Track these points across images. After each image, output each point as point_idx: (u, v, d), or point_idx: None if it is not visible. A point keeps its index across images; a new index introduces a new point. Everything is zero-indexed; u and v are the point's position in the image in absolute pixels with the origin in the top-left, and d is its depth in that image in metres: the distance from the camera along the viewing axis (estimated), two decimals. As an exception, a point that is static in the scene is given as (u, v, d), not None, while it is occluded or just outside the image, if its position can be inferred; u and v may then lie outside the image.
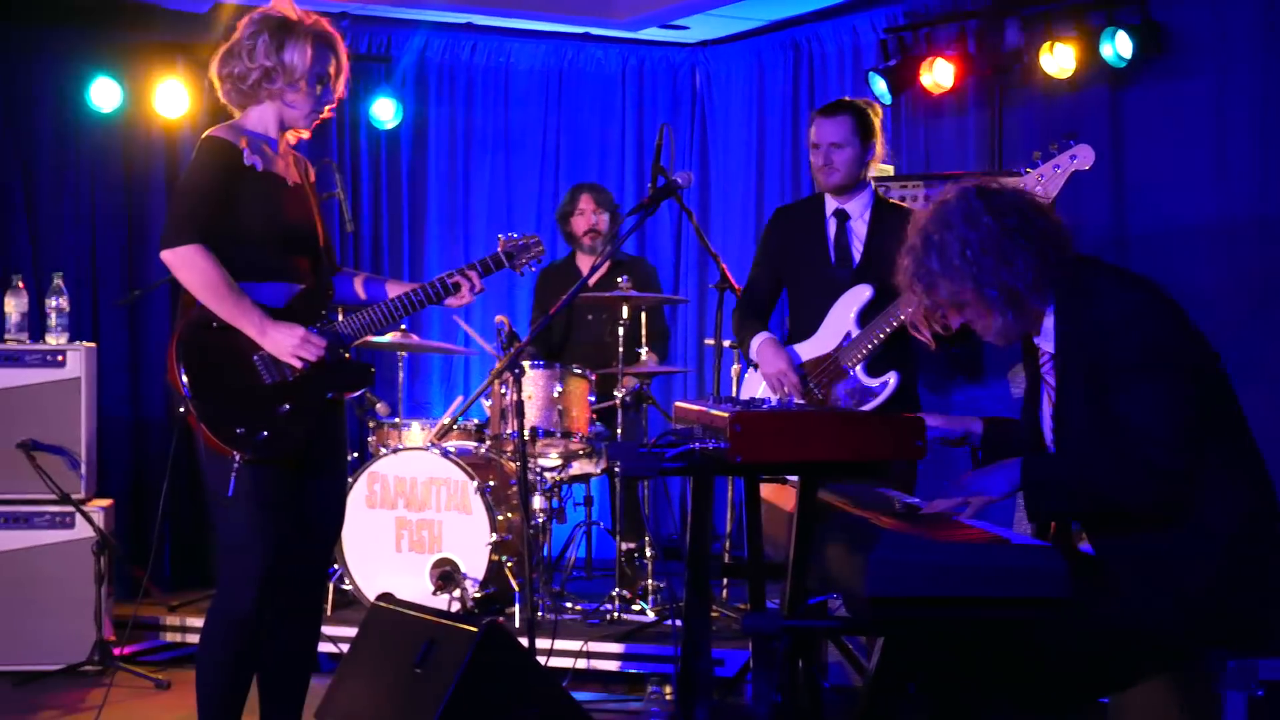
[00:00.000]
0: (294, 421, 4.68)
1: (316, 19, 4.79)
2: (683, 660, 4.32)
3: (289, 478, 4.71)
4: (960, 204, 3.86)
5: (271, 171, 4.72)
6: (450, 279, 4.92)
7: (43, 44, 8.43)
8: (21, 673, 6.82)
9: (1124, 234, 7.56)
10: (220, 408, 4.61)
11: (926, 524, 3.74)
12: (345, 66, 4.84)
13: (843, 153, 5.90)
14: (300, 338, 4.62)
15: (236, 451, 4.57)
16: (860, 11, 8.98)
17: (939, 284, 3.87)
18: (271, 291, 4.70)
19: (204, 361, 4.63)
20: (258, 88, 4.71)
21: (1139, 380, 3.71)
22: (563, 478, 7.46)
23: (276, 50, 4.67)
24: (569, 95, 10.01)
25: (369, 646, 5.17)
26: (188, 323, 4.65)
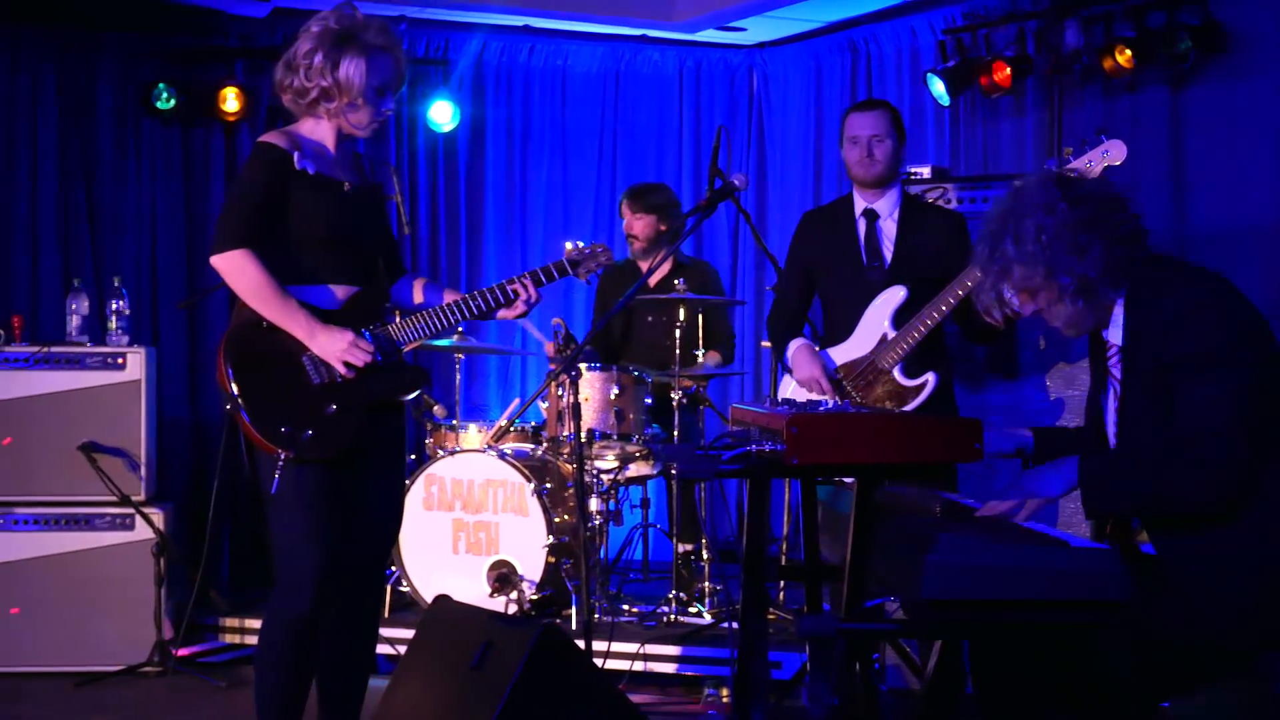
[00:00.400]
0: (341, 422, 4.71)
1: (375, 24, 4.80)
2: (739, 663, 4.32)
3: (339, 478, 4.73)
4: (1039, 191, 3.88)
5: (326, 175, 4.75)
6: (510, 286, 4.95)
7: (104, 49, 8.49)
8: (81, 674, 6.87)
9: (1184, 234, 7.50)
10: (266, 406, 4.66)
11: (984, 526, 3.72)
12: (403, 70, 4.85)
13: (883, 145, 5.93)
14: (349, 342, 4.66)
15: (281, 450, 4.62)
16: (919, 13, 8.94)
17: (1013, 268, 3.87)
18: (325, 294, 4.74)
19: (251, 361, 4.69)
20: (316, 105, 4.76)
21: (1199, 373, 3.69)
22: (619, 480, 7.46)
23: (333, 68, 4.69)
24: (626, 97, 10.01)
25: (426, 648, 5.18)
26: (237, 323, 4.71)
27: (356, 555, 4.83)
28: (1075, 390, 6.34)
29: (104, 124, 8.51)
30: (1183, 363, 3.72)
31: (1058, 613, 3.45)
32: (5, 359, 7.00)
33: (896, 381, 5.84)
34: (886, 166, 5.95)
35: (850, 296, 5.98)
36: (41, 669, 6.92)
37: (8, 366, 7.00)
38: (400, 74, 4.83)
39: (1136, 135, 7.65)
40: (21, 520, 6.98)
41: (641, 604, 7.32)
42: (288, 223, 4.68)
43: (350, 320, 4.74)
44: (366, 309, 4.80)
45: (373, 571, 4.99)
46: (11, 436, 7.00)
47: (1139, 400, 3.86)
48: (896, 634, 5.25)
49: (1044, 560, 3.43)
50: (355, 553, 4.82)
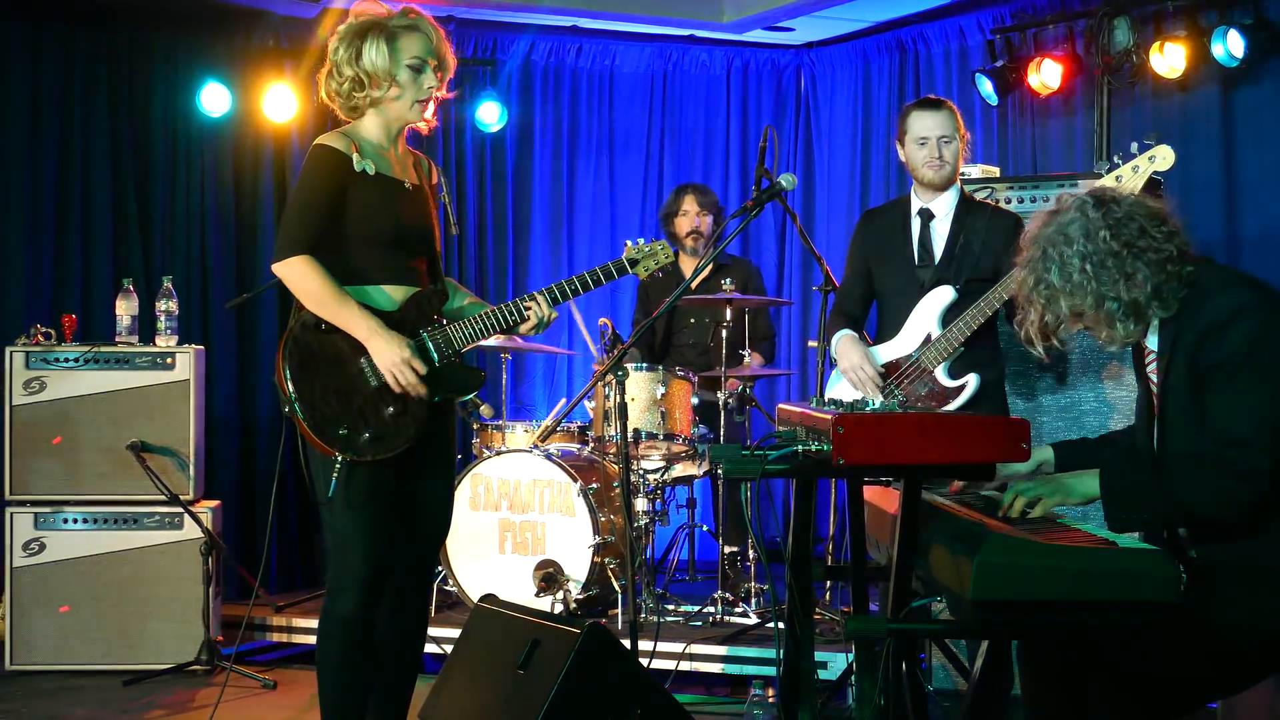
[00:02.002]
0: (400, 424, 4.69)
1: (399, 11, 4.79)
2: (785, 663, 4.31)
3: (394, 478, 4.72)
4: (1078, 217, 3.83)
5: (385, 175, 4.75)
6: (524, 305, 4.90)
7: (154, 50, 8.55)
8: (131, 671, 6.91)
9: (1236, 236, 7.45)
10: (324, 409, 4.64)
11: (1032, 527, 3.70)
12: (441, 46, 4.82)
13: (951, 146, 5.90)
14: (403, 359, 4.64)
15: (339, 453, 4.60)
16: (967, 13, 8.92)
17: (1059, 298, 3.85)
18: (382, 295, 4.73)
19: (309, 363, 4.66)
20: (353, 98, 4.76)
21: (1228, 380, 3.69)
22: (665, 480, 7.46)
23: (355, 58, 4.70)
24: (673, 97, 10.01)
25: (473, 648, 5.19)
26: (297, 324, 4.69)
27: (408, 553, 4.84)
28: (1126, 390, 6.31)
29: (156, 124, 8.56)
30: (1214, 370, 3.71)
31: (1106, 614, 3.42)
32: (56, 359, 7.04)
33: (939, 381, 5.82)
34: (953, 169, 5.93)
35: (900, 294, 5.97)
36: (91, 667, 6.97)
37: (58, 366, 7.04)
38: (436, 49, 4.80)
39: (1187, 135, 7.62)
40: (71, 519, 7.03)
41: (687, 604, 7.32)
42: (348, 223, 4.68)
43: (408, 320, 4.74)
44: (425, 309, 4.80)
45: (422, 570, 4.97)
46: (61, 436, 7.05)
47: (1178, 408, 3.84)
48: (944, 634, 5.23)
49: (1093, 561, 3.41)
50: (407, 551, 4.83)
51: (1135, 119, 7.90)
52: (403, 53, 4.71)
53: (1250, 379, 3.66)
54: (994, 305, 5.66)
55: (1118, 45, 7.78)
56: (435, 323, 4.82)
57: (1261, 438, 3.63)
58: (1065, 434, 6.43)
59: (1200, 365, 3.73)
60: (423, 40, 4.76)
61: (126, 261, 8.40)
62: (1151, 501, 3.75)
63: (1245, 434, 3.64)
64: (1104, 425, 6.37)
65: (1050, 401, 6.52)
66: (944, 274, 5.89)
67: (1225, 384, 3.69)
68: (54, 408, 7.04)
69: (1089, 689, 3.75)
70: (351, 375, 4.68)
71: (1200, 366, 3.73)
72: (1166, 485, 3.74)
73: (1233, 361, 3.67)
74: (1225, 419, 3.67)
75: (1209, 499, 3.67)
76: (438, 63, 4.80)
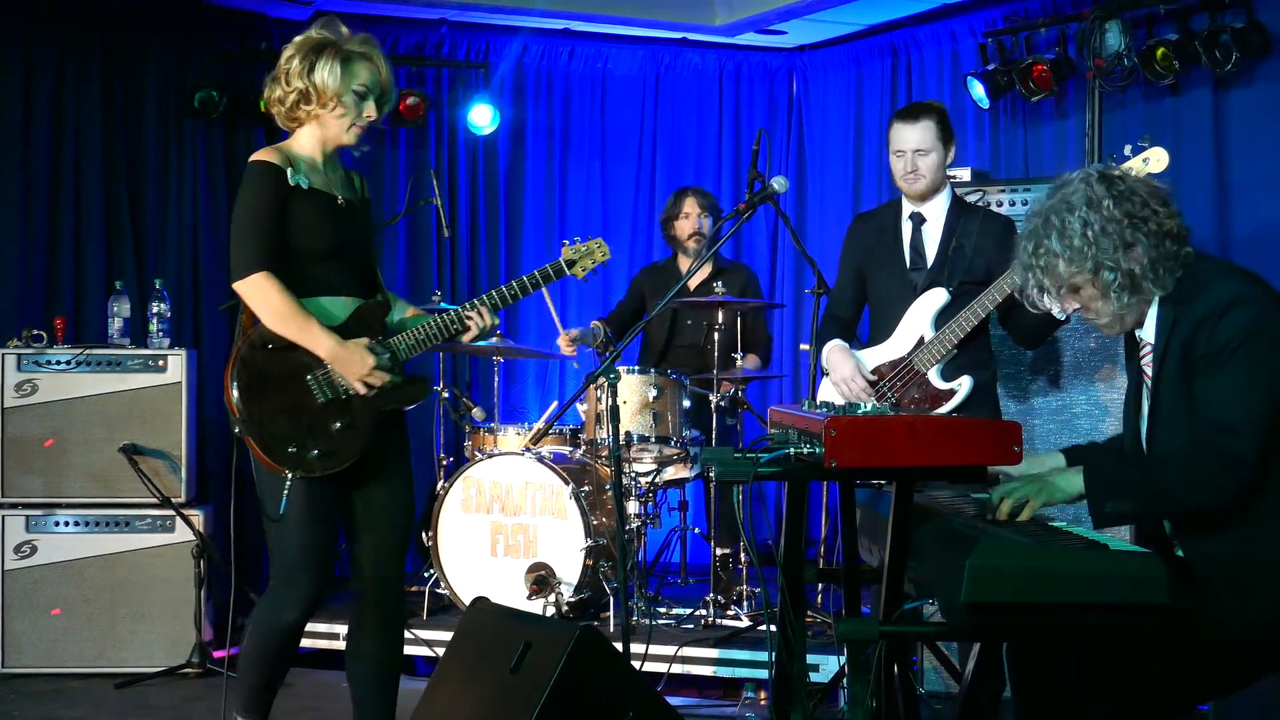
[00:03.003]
0: (348, 437, 4.80)
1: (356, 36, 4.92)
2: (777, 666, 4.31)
3: (343, 491, 4.88)
4: (1083, 187, 3.89)
5: (319, 190, 4.84)
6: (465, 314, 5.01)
7: (148, 52, 8.55)
8: (122, 674, 6.91)
9: (1227, 236, 7.47)
10: (272, 427, 4.73)
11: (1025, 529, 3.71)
12: (387, 81, 4.95)
13: (928, 159, 5.88)
14: (370, 367, 4.75)
15: (289, 470, 4.70)
16: (959, 16, 8.92)
17: (1057, 264, 3.88)
18: (332, 307, 4.82)
19: (257, 382, 4.75)
20: (296, 109, 4.87)
21: (1220, 367, 3.72)
22: (658, 482, 7.46)
23: (308, 71, 4.82)
24: (666, 100, 10.01)
25: (464, 651, 5.18)
26: (245, 344, 4.76)
27: (374, 560, 4.97)
28: (1118, 393, 6.31)
29: (148, 127, 8.57)
30: (1206, 358, 3.73)
31: (1098, 616, 3.43)
32: (48, 361, 7.04)
33: (932, 384, 5.82)
34: (931, 180, 5.90)
35: (894, 298, 5.97)
36: (82, 670, 6.97)
37: (50, 369, 7.04)
38: (381, 82, 4.93)
39: (1179, 138, 7.63)
40: (63, 522, 7.02)
41: (679, 606, 7.32)
42: (290, 236, 4.76)
43: (355, 333, 4.82)
44: (368, 321, 4.89)
45: (392, 575, 5.06)
46: (53, 438, 7.04)
47: (1169, 399, 3.86)
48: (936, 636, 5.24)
49: (1084, 564, 3.42)
50: (372, 558, 4.96)
51: (1127, 122, 7.90)
52: (354, 77, 4.85)
53: (1241, 368, 3.68)
54: (987, 308, 5.66)
55: (1109, 48, 7.78)
56: (379, 335, 4.89)
57: (1249, 426, 3.65)
58: (1057, 436, 6.44)
59: (1193, 354, 3.75)
60: (373, 71, 4.90)
61: (119, 264, 8.40)
62: (1135, 493, 3.75)
63: (1233, 421, 3.66)
64: (1096, 428, 6.38)
65: (1042, 404, 6.53)
66: (937, 277, 5.89)
67: (1215, 372, 3.72)
68: (46, 410, 7.04)
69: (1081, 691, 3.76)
70: (299, 393, 4.77)
71: (1193, 356, 3.75)
72: (1151, 476, 3.75)
73: (1225, 351, 3.70)
74: (1214, 406, 3.70)
75: (1194, 486, 3.68)
76: (381, 95, 4.93)
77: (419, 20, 9.19)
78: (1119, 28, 7.75)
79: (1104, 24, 7.81)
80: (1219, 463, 3.66)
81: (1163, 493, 3.73)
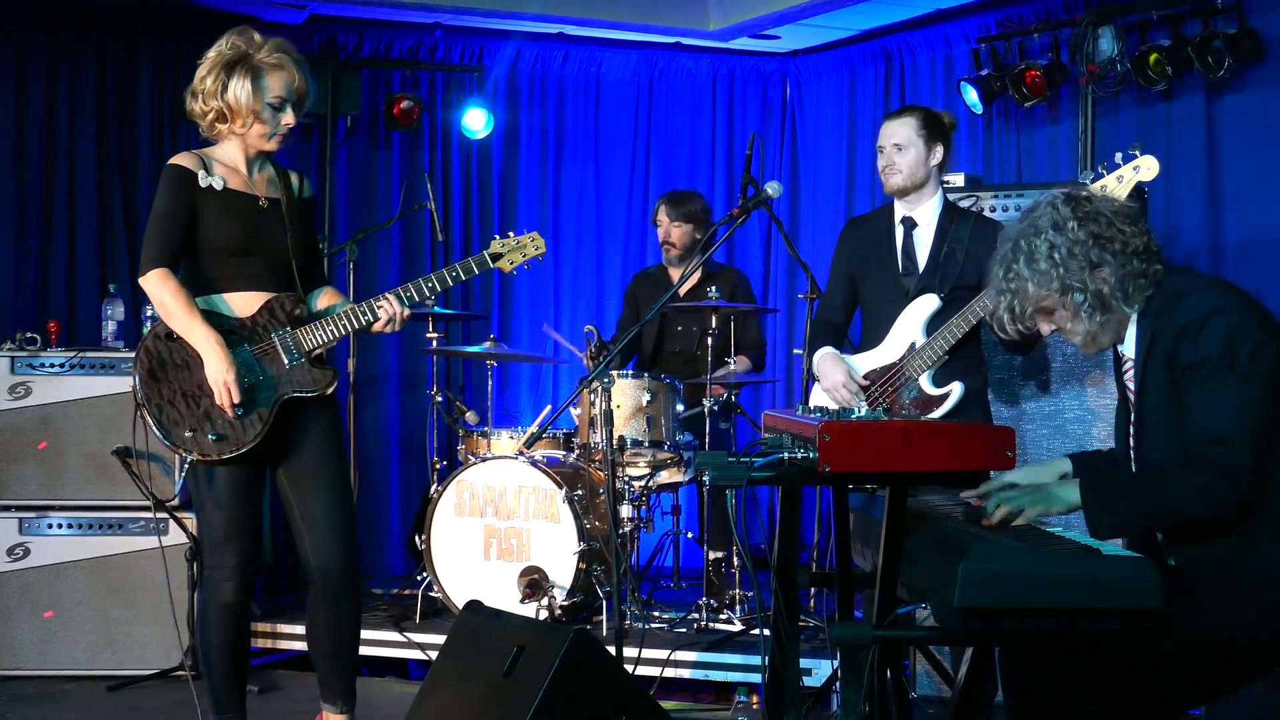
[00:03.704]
0: (245, 424, 5.06)
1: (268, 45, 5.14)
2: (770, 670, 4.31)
3: (256, 475, 5.17)
4: (1048, 211, 3.94)
5: (236, 190, 5.14)
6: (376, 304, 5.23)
7: (141, 56, 8.55)
8: (114, 677, 6.90)
9: (1219, 242, 7.47)
10: (170, 411, 5.05)
11: (1018, 533, 3.71)
12: (301, 83, 5.16)
13: (905, 154, 5.89)
14: (224, 383, 5.00)
15: (185, 452, 5.03)
16: (952, 21, 8.92)
17: (1027, 287, 3.94)
18: (236, 301, 5.14)
19: (159, 369, 5.09)
20: (215, 126, 5.12)
21: (1206, 379, 3.73)
22: (650, 486, 7.46)
23: (222, 91, 5.06)
24: (659, 105, 10.02)
25: (457, 654, 5.19)
26: (150, 334, 5.16)
27: (314, 550, 5.22)
28: (1109, 398, 6.32)
29: (141, 130, 8.56)
30: (1191, 370, 3.75)
31: (1090, 621, 3.44)
32: (41, 364, 7.04)
33: (923, 389, 5.83)
34: (907, 175, 5.91)
35: (885, 303, 5.98)
36: (75, 672, 6.96)
37: (43, 371, 7.04)
38: (297, 89, 5.15)
39: (1171, 144, 7.64)
40: (55, 524, 7.02)
41: (672, 610, 7.31)
42: (199, 235, 5.07)
43: (259, 325, 5.12)
44: (276, 314, 5.16)
45: (334, 562, 5.24)
46: (46, 441, 7.04)
47: (1154, 413, 3.87)
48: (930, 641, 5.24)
49: (1077, 568, 3.43)
50: (313, 548, 5.22)
51: (1120, 128, 7.92)
52: (267, 91, 5.09)
53: (1227, 378, 3.70)
54: (978, 313, 5.67)
55: (1102, 54, 7.79)
56: (287, 326, 5.15)
57: (1242, 435, 3.66)
58: (1049, 442, 6.45)
59: (1177, 367, 3.78)
60: (286, 79, 5.13)
61: (112, 267, 8.40)
62: (1132, 504, 3.77)
63: (1226, 432, 3.67)
64: (1087, 433, 6.38)
65: (1034, 409, 6.53)
66: (928, 282, 5.90)
67: (1202, 384, 3.73)
68: (39, 413, 7.04)
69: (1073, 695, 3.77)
70: (199, 380, 5.06)
71: (1177, 368, 3.78)
72: (1148, 487, 3.77)
73: (1209, 361, 3.71)
74: (1205, 418, 3.71)
75: (1192, 498, 3.70)
76: (297, 101, 5.17)
77: (413, 24, 9.19)
78: (1112, 33, 7.75)
79: (1097, 29, 7.81)
80: (1216, 475, 3.67)
81: (1161, 505, 3.74)
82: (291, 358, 5.14)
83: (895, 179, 5.93)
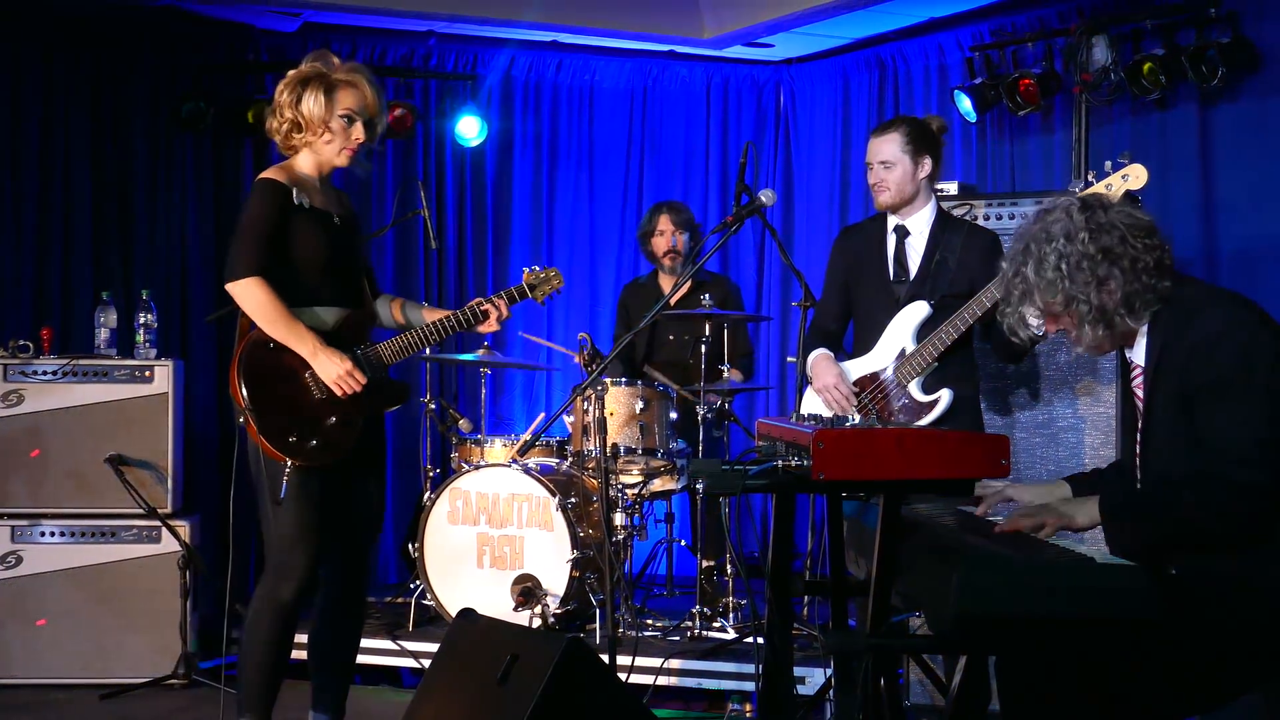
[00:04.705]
0: (343, 433, 5.22)
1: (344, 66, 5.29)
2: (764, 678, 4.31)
3: (334, 482, 5.24)
4: (1062, 218, 3.91)
5: (318, 208, 5.26)
6: (480, 307, 5.53)
7: (136, 64, 8.55)
8: (107, 685, 6.89)
9: (1214, 251, 7.48)
10: (274, 418, 5.12)
11: (1010, 543, 3.71)
12: (375, 103, 5.32)
13: (893, 171, 5.88)
14: (346, 370, 5.17)
15: (289, 458, 5.09)
16: (946, 30, 8.93)
17: (1033, 293, 3.93)
18: (323, 315, 5.24)
19: (261, 376, 5.15)
20: (290, 138, 5.26)
21: (1222, 397, 3.71)
22: (644, 494, 7.46)
23: (296, 103, 5.21)
24: (653, 113, 10.02)
25: (451, 662, 5.18)
26: (249, 342, 5.17)
27: (345, 550, 5.38)
28: (1103, 407, 6.32)
29: (136, 139, 8.57)
30: (1206, 390, 3.73)
31: (1085, 630, 3.44)
32: (34, 372, 7.03)
33: (913, 396, 5.83)
34: (896, 193, 5.90)
35: (876, 310, 5.98)
36: (67, 681, 6.95)
37: (36, 379, 7.03)
38: (368, 105, 5.29)
39: (1165, 153, 7.65)
40: (48, 532, 7.01)
41: (666, 618, 7.31)
42: (289, 250, 5.15)
43: (343, 339, 5.25)
44: (356, 329, 5.33)
45: (355, 564, 5.45)
46: (39, 449, 7.03)
47: (1163, 425, 3.87)
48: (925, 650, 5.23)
49: (1072, 577, 3.42)
50: (344, 548, 5.37)
51: (1114, 137, 7.92)
52: (338, 104, 5.23)
53: (1244, 396, 3.68)
54: (968, 321, 5.67)
55: (1096, 63, 7.80)
56: (367, 340, 5.32)
57: (1261, 454, 3.65)
58: (1041, 450, 6.45)
59: (1190, 385, 3.75)
60: (358, 95, 5.27)
61: (106, 275, 8.39)
62: (1154, 526, 3.77)
63: (1245, 452, 3.65)
64: (1080, 441, 6.39)
65: (1027, 418, 6.54)
66: (919, 290, 5.89)
67: (1218, 403, 3.71)
68: (31, 421, 7.03)
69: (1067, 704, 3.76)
70: (298, 389, 5.18)
71: (1190, 386, 3.75)
72: (1168, 508, 3.75)
73: (1224, 380, 3.69)
74: (1223, 438, 3.69)
75: (1210, 516, 3.69)
76: (369, 118, 5.30)
77: (407, 32, 9.19)
78: (1105, 42, 7.76)
79: (1091, 38, 7.82)
80: (1235, 495, 3.66)
81: (1179, 520, 3.73)
82: (375, 371, 5.28)
83: (884, 196, 5.93)
